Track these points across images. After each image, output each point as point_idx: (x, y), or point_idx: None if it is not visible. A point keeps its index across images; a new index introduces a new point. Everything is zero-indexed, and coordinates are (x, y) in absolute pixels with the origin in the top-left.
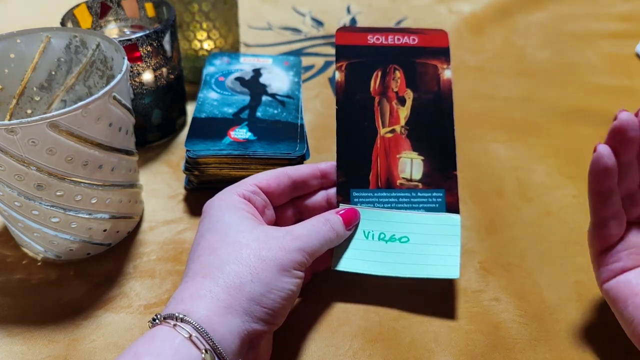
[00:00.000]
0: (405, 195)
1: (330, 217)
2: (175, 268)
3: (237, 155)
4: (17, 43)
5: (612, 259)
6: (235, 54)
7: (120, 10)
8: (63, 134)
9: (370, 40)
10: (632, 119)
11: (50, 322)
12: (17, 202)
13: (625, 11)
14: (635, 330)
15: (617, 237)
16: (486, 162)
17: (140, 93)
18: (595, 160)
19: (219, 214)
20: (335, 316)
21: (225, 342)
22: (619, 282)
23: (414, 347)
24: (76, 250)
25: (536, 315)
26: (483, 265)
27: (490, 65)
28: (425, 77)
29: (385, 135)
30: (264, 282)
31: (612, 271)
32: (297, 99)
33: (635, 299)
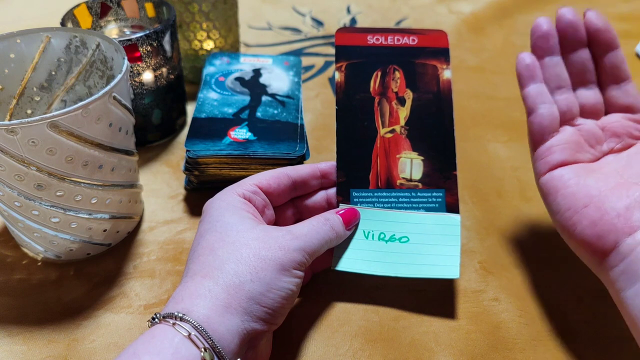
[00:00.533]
0: (405, 195)
1: (330, 217)
2: (175, 268)
3: (237, 155)
4: (17, 43)
5: (547, 152)
6: (235, 54)
7: (120, 10)
8: (63, 134)
9: (370, 40)
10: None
11: (50, 322)
12: (17, 202)
13: (625, 11)
14: (560, 219)
15: (550, 128)
16: (486, 162)
17: (140, 93)
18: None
19: (219, 213)
20: (335, 316)
21: (224, 341)
22: (552, 176)
23: (414, 347)
24: (76, 250)
25: (536, 315)
26: (483, 265)
27: (490, 65)
28: (424, 78)
29: (385, 135)
30: (264, 281)
31: (547, 164)
32: (297, 99)
33: (564, 190)
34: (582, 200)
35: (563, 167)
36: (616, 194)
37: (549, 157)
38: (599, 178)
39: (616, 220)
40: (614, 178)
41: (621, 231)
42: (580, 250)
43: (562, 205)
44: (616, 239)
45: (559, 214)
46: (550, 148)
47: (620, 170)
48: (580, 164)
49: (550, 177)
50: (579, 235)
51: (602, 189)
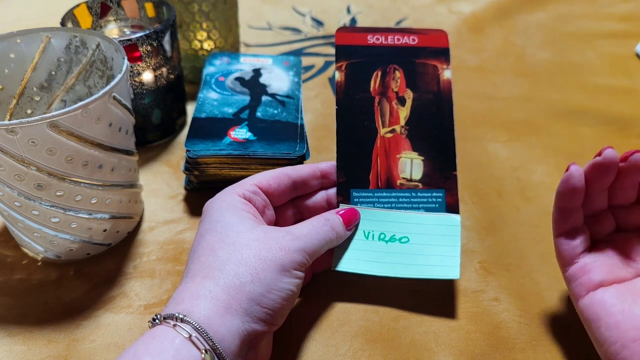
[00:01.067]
0: (405, 196)
1: (330, 217)
2: (175, 268)
3: (237, 155)
4: (17, 43)
5: (581, 272)
6: (235, 54)
7: (120, 10)
8: (63, 134)
9: (370, 40)
10: (615, 158)
11: (50, 322)
12: (17, 202)
13: (625, 11)
14: (607, 352)
15: (581, 249)
16: (486, 162)
17: (140, 93)
18: (565, 179)
19: (219, 214)
20: (335, 316)
21: (225, 342)
22: (593, 301)
23: (414, 347)
24: (76, 250)
25: (536, 315)
26: (483, 265)
27: (490, 65)
28: (425, 77)
29: (385, 135)
30: (264, 282)
31: (584, 286)
32: (297, 99)
33: (608, 320)
34: (630, 333)
35: (603, 288)
36: None
37: (585, 277)
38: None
39: None
40: None
41: None
42: None
43: (608, 338)
44: None
45: (605, 346)
46: (585, 267)
47: None
48: (623, 285)
49: (591, 302)
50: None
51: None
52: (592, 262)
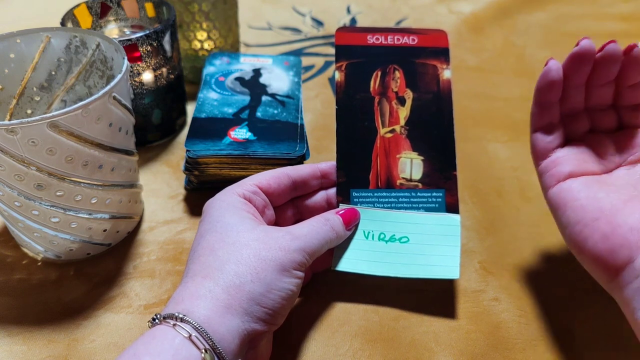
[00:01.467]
0: (405, 196)
1: (330, 217)
2: (175, 268)
3: (237, 155)
4: (17, 43)
5: (552, 164)
6: (235, 54)
7: (120, 10)
8: (63, 134)
9: (370, 40)
10: (591, 48)
11: (50, 322)
12: (17, 202)
13: (625, 11)
14: (570, 233)
15: (554, 144)
16: (486, 162)
17: (140, 93)
18: (543, 73)
19: (219, 214)
20: (335, 316)
21: (224, 342)
22: (561, 188)
23: (414, 347)
24: (76, 250)
25: (536, 315)
26: (483, 265)
27: (490, 65)
28: (425, 77)
29: (385, 135)
30: (264, 282)
31: (554, 176)
32: (297, 99)
33: (573, 204)
34: (592, 214)
35: (572, 178)
36: (629, 207)
37: (555, 168)
38: (610, 190)
39: (629, 235)
40: (627, 191)
41: (635, 245)
42: (592, 266)
43: (572, 219)
44: (630, 254)
45: (569, 228)
46: (556, 160)
47: (633, 184)
48: (591, 176)
49: (559, 190)
50: (590, 250)
51: (614, 202)
52: (563, 156)
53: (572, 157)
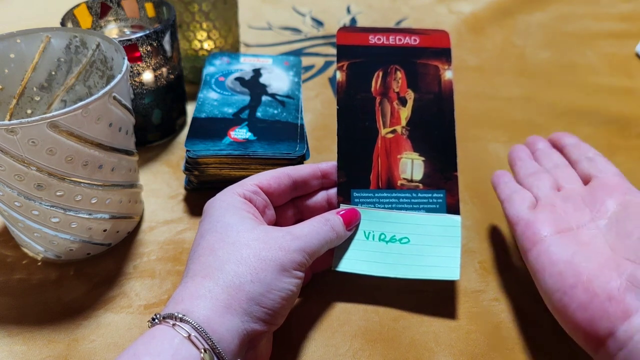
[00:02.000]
0: (405, 196)
1: (330, 218)
2: (175, 268)
3: (237, 155)
4: (17, 43)
5: (527, 226)
6: (235, 54)
7: (120, 10)
8: (63, 134)
9: (372, 40)
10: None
11: (50, 322)
12: (17, 202)
13: (625, 11)
14: (550, 301)
15: (523, 208)
16: (486, 162)
17: (140, 93)
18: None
19: (219, 214)
20: (335, 316)
21: (224, 342)
22: (539, 252)
23: (414, 347)
24: (76, 250)
25: (536, 315)
26: (483, 265)
27: (490, 65)
28: (426, 78)
29: (386, 135)
30: (264, 282)
31: (531, 239)
32: (297, 99)
33: (552, 269)
34: (570, 280)
35: (550, 237)
36: (606, 273)
37: (530, 231)
38: (588, 253)
39: (607, 305)
40: (603, 252)
41: (614, 316)
42: (575, 335)
43: (551, 286)
44: (610, 326)
45: (548, 295)
46: (529, 223)
47: (610, 241)
48: (568, 234)
49: (537, 254)
50: (570, 319)
51: (591, 267)
52: (535, 218)
53: (545, 216)
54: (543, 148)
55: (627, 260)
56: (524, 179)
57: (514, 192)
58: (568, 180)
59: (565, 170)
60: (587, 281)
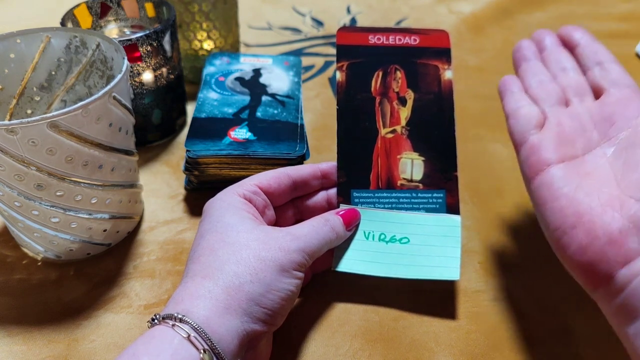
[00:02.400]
0: (405, 196)
1: (330, 218)
2: (175, 268)
3: (237, 155)
4: (17, 43)
5: (531, 150)
6: (235, 54)
7: (120, 10)
8: (63, 134)
9: (372, 40)
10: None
11: (50, 322)
12: (17, 202)
13: (625, 11)
14: (550, 237)
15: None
16: (486, 162)
17: (140, 93)
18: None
19: (219, 214)
20: (335, 316)
21: (224, 342)
22: (541, 183)
23: (414, 347)
24: (76, 250)
25: (536, 315)
26: (483, 265)
27: (490, 65)
28: (426, 78)
29: (386, 135)
30: (264, 282)
31: (534, 167)
32: (297, 99)
33: (553, 204)
34: (570, 219)
35: (553, 167)
36: (608, 213)
37: (533, 157)
38: (592, 189)
39: (607, 248)
40: (608, 188)
41: (614, 260)
42: (574, 274)
43: (551, 222)
44: (609, 269)
45: (548, 231)
46: (533, 146)
47: (617, 172)
48: (573, 162)
49: (540, 184)
50: (569, 259)
51: (593, 206)
52: (540, 140)
53: (550, 139)
54: (551, 47)
55: (631, 199)
56: (530, 88)
57: (520, 106)
58: (577, 92)
59: (574, 79)
60: (588, 222)
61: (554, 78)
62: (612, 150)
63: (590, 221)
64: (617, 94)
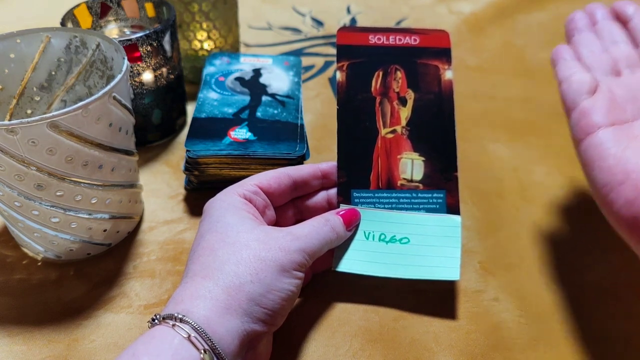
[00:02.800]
0: (405, 196)
1: (330, 218)
2: (175, 268)
3: (237, 155)
4: (17, 43)
5: (582, 115)
6: (235, 54)
7: (120, 10)
8: (63, 134)
9: (372, 40)
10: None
11: (50, 322)
12: (17, 202)
13: None
14: (597, 194)
15: (582, 92)
16: (486, 162)
17: (140, 93)
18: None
19: (219, 214)
20: (335, 316)
21: (224, 342)
22: (590, 144)
23: (414, 347)
24: (76, 250)
25: (536, 315)
26: (483, 265)
27: (490, 65)
28: (426, 78)
29: (386, 135)
30: (264, 282)
31: (583, 129)
32: (297, 99)
33: (601, 163)
34: (618, 176)
35: (602, 130)
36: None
37: (585, 120)
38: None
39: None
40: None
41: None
42: (619, 229)
43: (599, 180)
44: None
45: (596, 189)
46: (584, 110)
47: None
48: (622, 127)
49: (588, 146)
50: (615, 214)
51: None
52: (592, 105)
53: (601, 104)
54: (603, 20)
55: None
56: (583, 57)
57: (573, 73)
58: (629, 64)
59: (626, 51)
60: (635, 178)
61: (605, 50)
62: None
63: (637, 178)
64: None
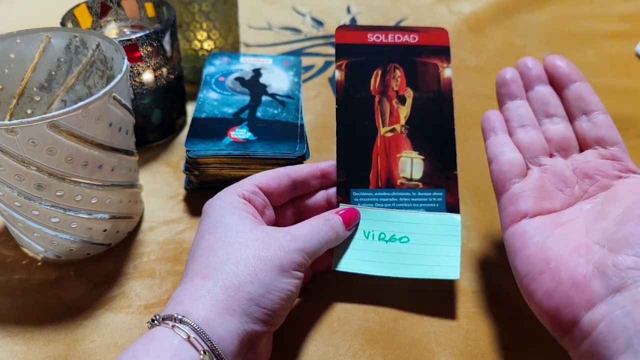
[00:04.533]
0: (405, 195)
1: (330, 217)
2: (175, 268)
3: (237, 155)
4: (17, 43)
5: (509, 201)
6: (235, 54)
7: (120, 10)
8: (63, 134)
9: (371, 38)
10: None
11: (50, 322)
12: (17, 202)
13: (625, 11)
14: (520, 284)
15: (511, 173)
16: (486, 162)
17: (140, 93)
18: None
19: (218, 214)
20: (335, 316)
21: (224, 343)
22: (515, 232)
23: (414, 347)
24: (76, 250)
25: (536, 315)
26: (483, 265)
27: (490, 65)
28: (425, 76)
29: (385, 134)
30: (263, 282)
31: (509, 216)
32: (297, 99)
33: (523, 252)
34: (538, 265)
35: (529, 218)
36: (574, 259)
37: (511, 207)
38: (561, 237)
39: (572, 292)
40: (577, 236)
41: (578, 305)
42: (543, 321)
43: (521, 270)
44: (574, 314)
45: (519, 278)
46: (512, 196)
47: (588, 225)
48: (549, 216)
49: (512, 234)
50: (537, 306)
51: (561, 252)
52: (521, 191)
53: (529, 192)
54: (537, 87)
55: (596, 245)
56: (515, 133)
57: (503, 152)
58: (562, 146)
59: (560, 131)
60: (554, 268)
61: (539, 124)
62: (589, 207)
63: (556, 267)
64: (603, 152)
